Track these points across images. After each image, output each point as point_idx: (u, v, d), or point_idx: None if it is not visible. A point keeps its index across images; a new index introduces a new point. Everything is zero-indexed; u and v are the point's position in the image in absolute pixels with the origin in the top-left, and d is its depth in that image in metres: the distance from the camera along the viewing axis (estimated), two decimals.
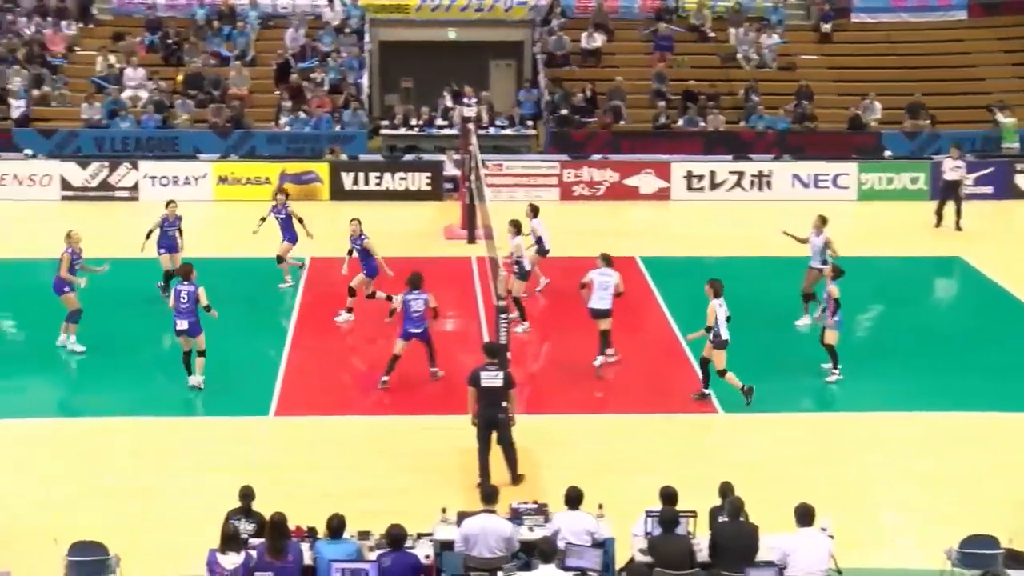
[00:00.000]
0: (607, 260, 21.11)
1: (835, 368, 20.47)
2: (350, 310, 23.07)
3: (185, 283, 19.87)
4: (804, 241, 23.07)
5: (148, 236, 24.40)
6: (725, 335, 19.36)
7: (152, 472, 17.30)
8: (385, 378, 20.28)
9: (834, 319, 20.15)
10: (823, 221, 23.03)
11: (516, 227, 22.97)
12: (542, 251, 24.01)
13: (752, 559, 13.07)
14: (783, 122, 35.54)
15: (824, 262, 22.36)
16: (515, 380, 17.06)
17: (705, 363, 19.71)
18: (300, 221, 25.09)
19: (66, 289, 21.83)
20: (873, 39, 39.26)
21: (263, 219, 25.15)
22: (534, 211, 24.29)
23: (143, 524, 15.73)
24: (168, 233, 24.48)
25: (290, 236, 25.14)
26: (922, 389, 20.65)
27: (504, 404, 16.81)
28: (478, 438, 16.87)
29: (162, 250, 24.43)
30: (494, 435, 16.83)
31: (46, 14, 37.73)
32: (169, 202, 25.03)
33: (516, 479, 16.91)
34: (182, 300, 19.76)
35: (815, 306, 22.01)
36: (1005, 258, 27.90)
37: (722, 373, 19.45)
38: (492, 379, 16.74)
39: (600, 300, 20.80)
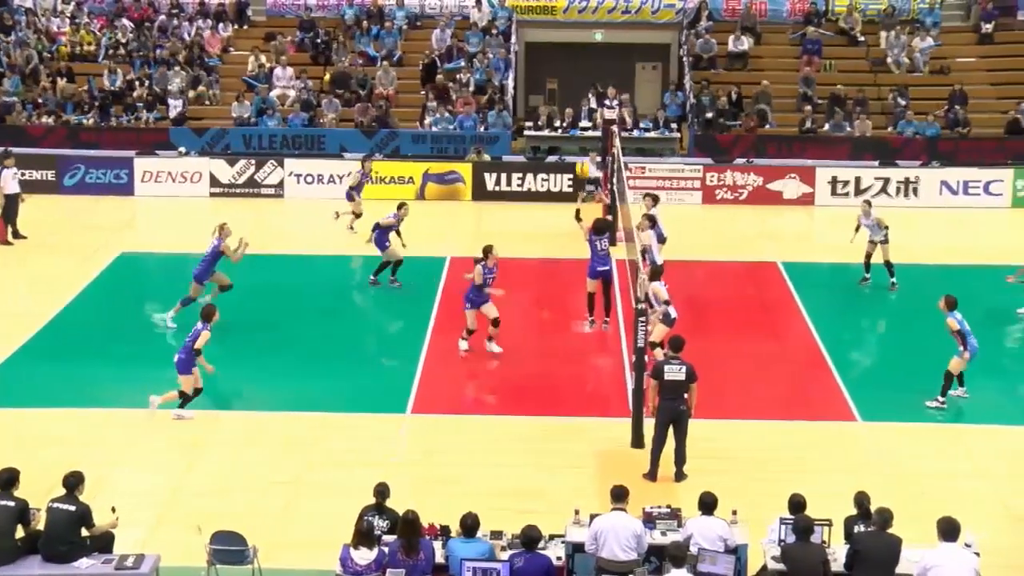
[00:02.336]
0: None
1: (941, 396, 19.66)
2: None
3: (200, 323, 19.48)
4: None
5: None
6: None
7: (292, 467, 17.57)
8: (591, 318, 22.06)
9: (963, 349, 19.46)
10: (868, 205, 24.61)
11: (651, 221, 23.50)
12: (660, 239, 23.80)
13: (892, 571, 12.83)
14: (933, 128, 34.80)
15: None
16: (697, 374, 17.12)
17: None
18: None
19: (205, 281, 22.50)
20: None
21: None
22: (654, 200, 24.42)
23: (281, 517, 16.01)
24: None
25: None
26: None
27: (685, 397, 16.93)
28: (656, 431, 17.09)
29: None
30: (671, 429, 16.99)
31: (207, 17, 38.65)
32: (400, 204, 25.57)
33: (681, 475, 17.01)
34: (189, 335, 19.39)
35: None
36: None
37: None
38: (675, 373, 16.92)
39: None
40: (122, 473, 17.20)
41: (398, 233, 25.08)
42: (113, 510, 13.88)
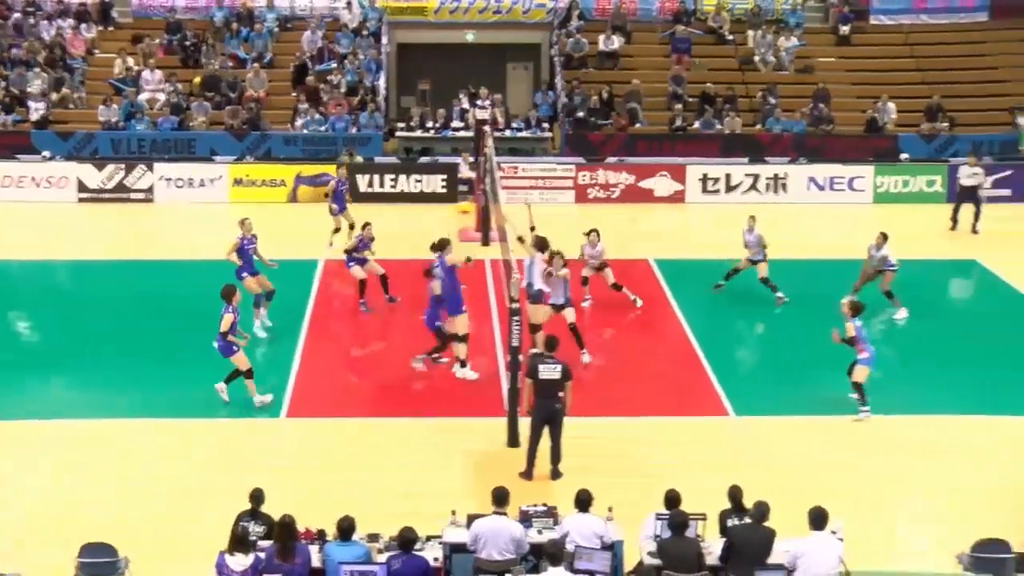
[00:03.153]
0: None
1: (863, 407, 19.59)
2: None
3: (225, 307, 19.58)
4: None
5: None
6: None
7: (164, 474, 17.33)
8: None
9: (862, 356, 19.52)
10: (884, 237, 23.93)
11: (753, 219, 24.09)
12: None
13: (763, 562, 13.04)
14: (800, 125, 35.47)
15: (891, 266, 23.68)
16: (572, 373, 17.23)
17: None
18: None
19: (244, 274, 22.21)
20: (892, 41, 39.13)
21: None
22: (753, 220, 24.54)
23: (153, 525, 15.76)
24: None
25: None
26: (938, 393, 20.54)
27: (560, 395, 17.00)
28: (532, 429, 17.15)
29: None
30: (546, 427, 17.07)
31: (67, 17, 37.86)
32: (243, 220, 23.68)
33: (557, 473, 17.10)
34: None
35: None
36: (1021, 262, 27.75)
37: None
38: (550, 371, 16.99)
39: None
40: None
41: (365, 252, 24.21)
42: None
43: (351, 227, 26.40)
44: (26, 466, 17.59)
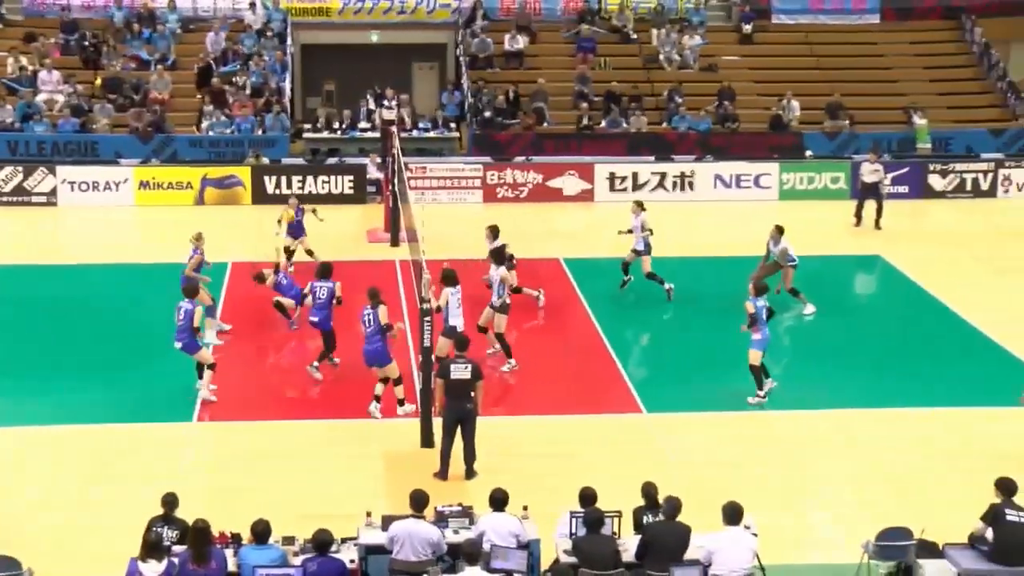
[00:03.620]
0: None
1: (759, 391, 19.93)
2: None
3: (186, 301, 19.66)
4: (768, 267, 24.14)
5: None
6: None
7: (72, 481, 17.08)
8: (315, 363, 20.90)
9: (756, 338, 19.77)
10: (780, 231, 24.11)
11: (494, 232, 23.54)
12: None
13: (681, 558, 13.15)
14: (705, 123, 35.80)
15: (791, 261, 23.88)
16: (483, 373, 17.24)
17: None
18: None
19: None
20: (793, 40, 39.67)
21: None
22: (494, 233, 23.73)
23: (62, 534, 15.52)
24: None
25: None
26: (845, 386, 20.83)
27: (472, 396, 16.99)
28: (444, 430, 17.12)
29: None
30: (459, 428, 17.04)
31: None
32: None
33: (471, 473, 17.10)
34: (180, 318, 19.52)
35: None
36: (921, 257, 28.30)
37: None
38: (461, 372, 16.97)
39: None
40: None
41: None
42: None
43: (308, 253, 25.84)
44: None
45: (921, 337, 23.54)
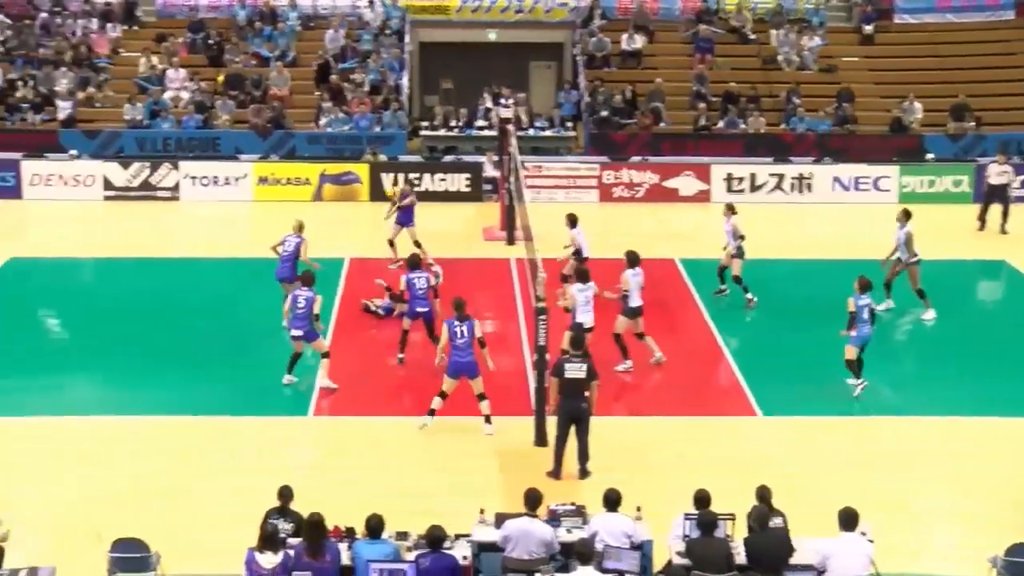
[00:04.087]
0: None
1: (857, 379, 19.92)
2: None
3: (304, 289, 20.03)
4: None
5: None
6: None
7: (193, 471, 17.37)
8: (401, 355, 21.07)
9: (853, 333, 19.73)
10: (907, 215, 23.76)
11: (572, 220, 23.70)
12: (580, 260, 23.61)
13: (786, 562, 13.00)
14: (824, 124, 35.37)
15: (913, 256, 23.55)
16: (598, 372, 17.15)
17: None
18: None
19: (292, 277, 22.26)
20: (916, 40, 38.99)
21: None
22: (572, 221, 24.11)
23: (184, 523, 15.79)
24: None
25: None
26: (967, 394, 20.44)
27: (586, 395, 16.93)
28: (558, 428, 17.08)
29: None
30: (573, 427, 17.01)
31: (92, 17, 38.00)
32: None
33: (585, 472, 17.03)
34: (299, 306, 19.93)
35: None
36: None
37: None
38: (576, 371, 16.91)
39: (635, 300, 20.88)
40: (13, 483, 16.83)
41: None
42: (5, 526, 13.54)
43: (417, 244, 25.73)
44: (55, 463, 17.65)
45: None
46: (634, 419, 19.35)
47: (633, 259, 21.01)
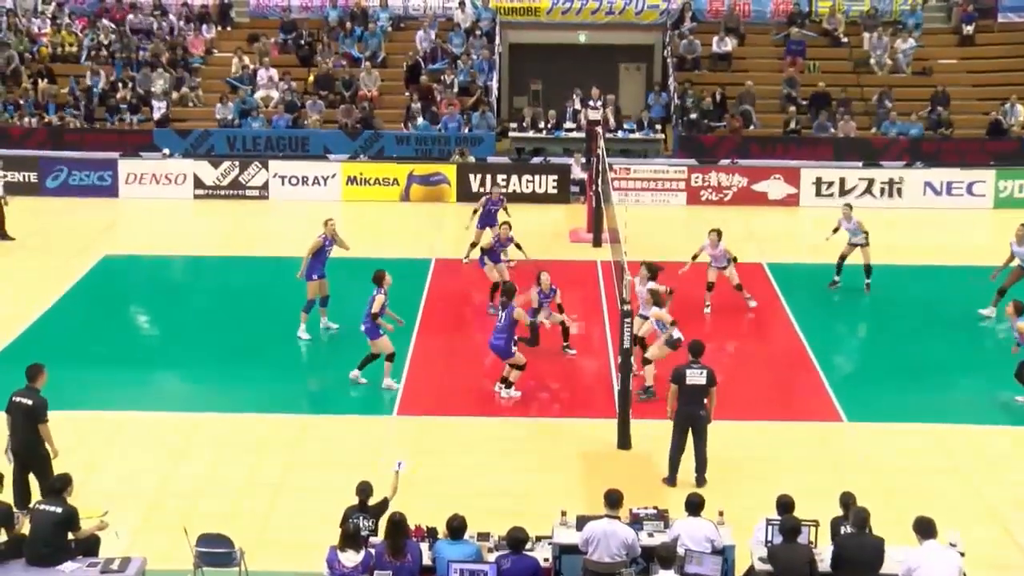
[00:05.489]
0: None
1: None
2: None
3: (376, 289, 20.22)
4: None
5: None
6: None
7: (277, 468, 17.53)
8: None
9: None
10: None
11: (718, 234, 23.69)
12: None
13: (876, 572, 12.84)
14: (916, 128, 34.90)
15: None
16: (717, 379, 17.06)
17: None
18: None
19: (314, 276, 22.42)
20: (1020, 40, 38.10)
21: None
22: (718, 235, 23.90)
23: (268, 519, 15.96)
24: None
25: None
26: None
27: (705, 402, 16.89)
28: (674, 436, 17.02)
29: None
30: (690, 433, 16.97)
31: (189, 19, 38.59)
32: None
33: (703, 480, 16.94)
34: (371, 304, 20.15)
35: (1003, 302, 22.09)
36: None
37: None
38: (696, 377, 16.85)
39: None
40: (105, 476, 17.12)
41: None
42: (104, 514, 13.79)
43: (517, 246, 25.23)
44: (142, 456, 17.89)
45: None
46: (719, 423, 19.14)
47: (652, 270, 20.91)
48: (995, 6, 38.76)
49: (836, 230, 25.34)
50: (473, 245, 25.49)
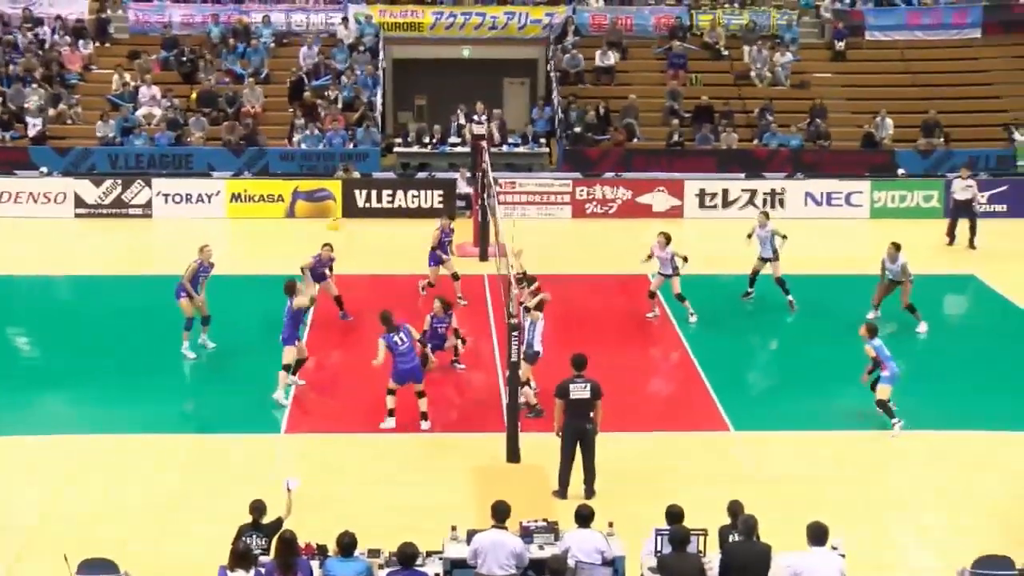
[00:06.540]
0: None
1: (894, 420, 19.51)
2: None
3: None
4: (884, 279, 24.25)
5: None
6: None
7: (166, 489, 17.30)
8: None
9: (884, 374, 19.57)
10: (897, 247, 24.04)
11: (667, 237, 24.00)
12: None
13: None
14: (796, 140, 35.53)
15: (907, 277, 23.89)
16: (602, 391, 17.14)
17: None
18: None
19: (182, 295, 22.08)
20: (887, 57, 39.25)
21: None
22: (667, 238, 24.28)
23: (152, 541, 15.72)
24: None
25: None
26: (937, 407, 20.50)
27: (591, 415, 16.96)
28: (563, 449, 17.08)
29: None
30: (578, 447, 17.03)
31: (64, 33, 37.94)
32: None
33: (591, 492, 16.99)
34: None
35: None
36: (1019, 276, 27.80)
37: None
38: (580, 391, 16.94)
39: None
40: None
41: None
42: None
43: (454, 277, 25.39)
44: (23, 481, 17.54)
45: (1016, 358, 23.09)
46: (605, 435, 19.24)
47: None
48: (863, 24, 39.72)
49: (750, 236, 25.52)
50: (430, 285, 25.29)
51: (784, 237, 25.08)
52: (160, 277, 27.23)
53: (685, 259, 24.19)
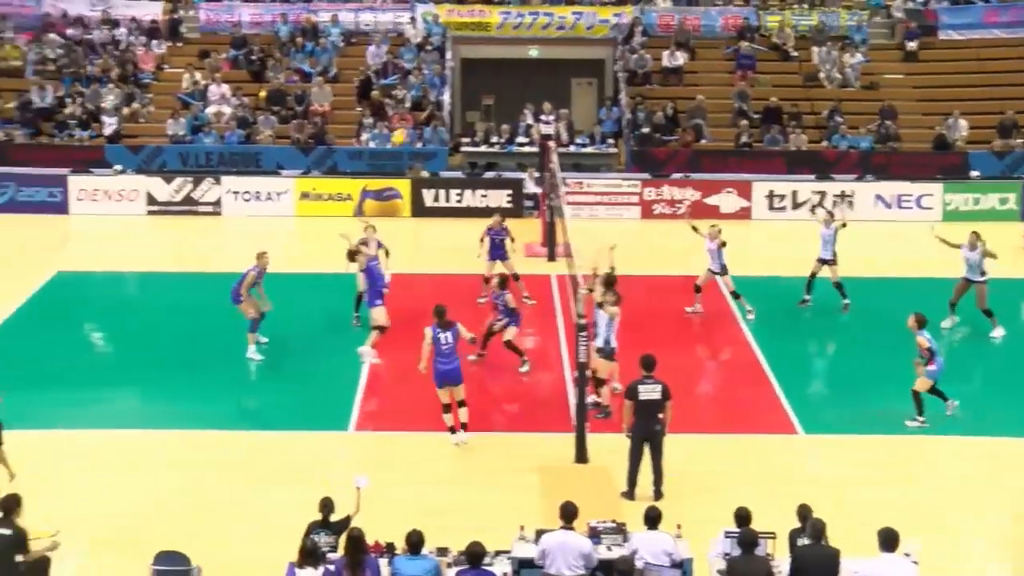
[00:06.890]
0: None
1: (919, 415, 19.54)
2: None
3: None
4: (956, 246, 23.78)
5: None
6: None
7: (234, 485, 17.44)
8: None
9: (930, 368, 19.42)
10: (977, 236, 23.70)
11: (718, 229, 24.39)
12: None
13: None
14: (866, 142, 35.22)
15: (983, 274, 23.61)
16: (672, 393, 17.11)
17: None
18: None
19: (241, 299, 22.19)
20: (962, 56, 38.70)
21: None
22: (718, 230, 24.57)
23: (226, 537, 15.85)
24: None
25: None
26: (1011, 414, 20.23)
27: (660, 416, 16.93)
28: (632, 451, 17.08)
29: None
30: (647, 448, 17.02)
31: (139, 34, 38.37)
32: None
33: (660, 493, 16.97)
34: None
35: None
36: None
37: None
38: (650, 392, 16.92)
39: None
40: (55, 497, 16.88)
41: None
42: (55, 534, 13.64)
43: (515, 277, 24.66)
44: (96, 475, 17.74)
45: None
46: (675, 436, 19.15)
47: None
48: (936, 24, 39.25)
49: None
50: (486, 281, 24.72)
51: (844, 225, 24.91)
52: (228, 274, 27.43)
53: (723, 243, 24.26)
